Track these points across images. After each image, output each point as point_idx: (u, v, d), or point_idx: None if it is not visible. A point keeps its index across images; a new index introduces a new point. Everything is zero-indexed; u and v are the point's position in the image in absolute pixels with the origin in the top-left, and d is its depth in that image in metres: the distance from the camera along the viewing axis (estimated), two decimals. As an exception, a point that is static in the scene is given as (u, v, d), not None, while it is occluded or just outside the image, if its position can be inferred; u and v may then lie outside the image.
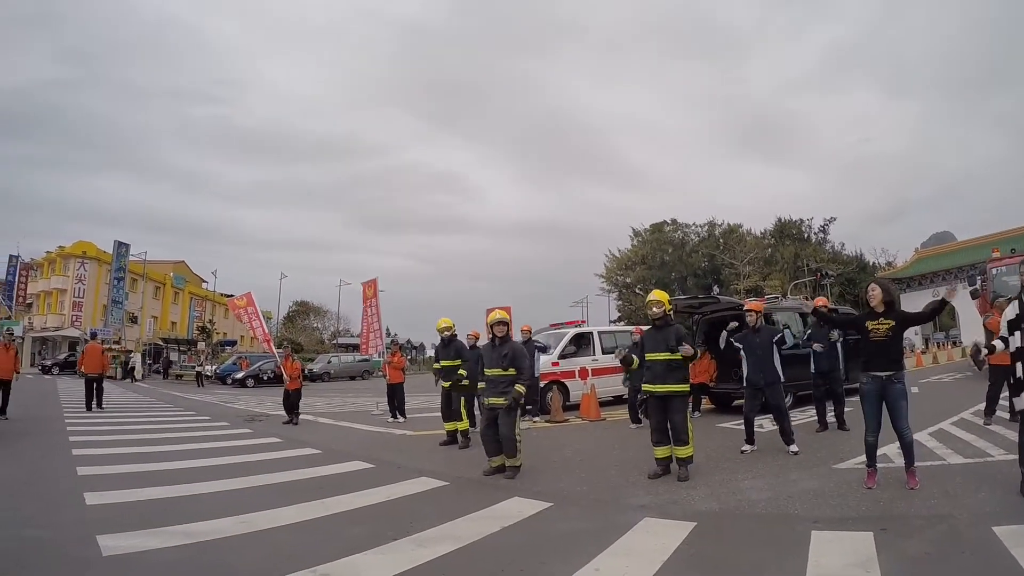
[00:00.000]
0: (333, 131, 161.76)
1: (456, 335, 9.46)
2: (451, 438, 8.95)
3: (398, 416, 12.28)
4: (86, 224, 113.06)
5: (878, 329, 5.21)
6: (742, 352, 7.58)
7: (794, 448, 7.02)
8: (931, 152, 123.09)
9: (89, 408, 14.71)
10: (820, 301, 9.55)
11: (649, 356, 6.37)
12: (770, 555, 3.76)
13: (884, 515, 4.45)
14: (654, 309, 6.39)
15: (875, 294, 5.35)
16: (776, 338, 7.49)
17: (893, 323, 5.20)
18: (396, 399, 12.39)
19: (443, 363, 9.17)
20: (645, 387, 6.48)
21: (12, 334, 13.03)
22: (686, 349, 6.09)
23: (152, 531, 4.45)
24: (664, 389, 6.18)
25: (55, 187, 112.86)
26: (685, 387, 6.30)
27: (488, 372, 6.75)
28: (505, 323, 6.85)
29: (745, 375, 7.54)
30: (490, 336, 6.96)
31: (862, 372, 5.36)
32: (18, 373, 12.09)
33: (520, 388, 6.55)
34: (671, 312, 6.55)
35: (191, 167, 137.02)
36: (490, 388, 6.70)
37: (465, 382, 9.00)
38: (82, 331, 46.64)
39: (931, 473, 5.54)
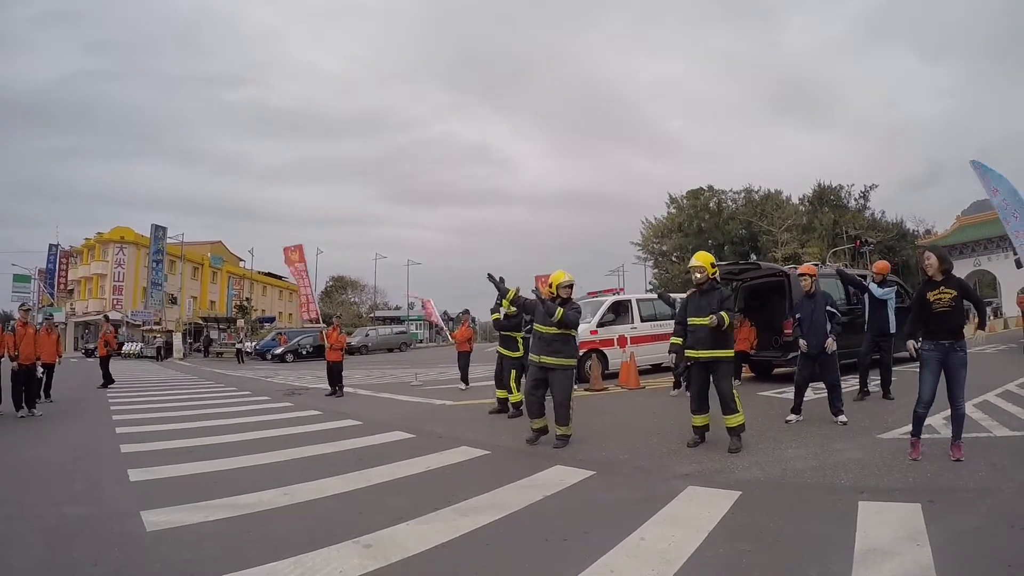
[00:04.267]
0: (366, 107, 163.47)
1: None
2: (502, 406, 8.99)
3: (462, 384, 12.80)
4: (124, 209, 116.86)
5: (941, 299, 5.06)
6: (797, 319, 7.38)
7: (843, 418, 6.89)
8: (966, 116, 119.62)
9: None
10: (882, 266, 9.03)
11: (692, 321, 6.16)
12: (818, 526, 3.71)
13: (931, 487, 4.36)
14: (697, 275, 6.21)
15: (932, 262, 5.17)
16: (828, 309, 7.27)
17: (956, 293, 5.05)
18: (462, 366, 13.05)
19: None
20: (688, 353, 6.27)
21: (53, 318, 13.36)
22: (712, 319, 5.90)
23: (195, 505, 4.53)
24: (709, 355, 6.02)
25: (93, 176, 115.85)
26: (730, 352, 6.13)
27: (543, 329, 6.56)
28: (572, 287, 6.74)
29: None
30: (554, 296, 6.70)
31: (924, 340, 5.21)
32: (60, 357, 12.39)
33: None
34: (715, 275, 6.31)
35: (226, 149, 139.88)
36: (542, 346, 6.53)
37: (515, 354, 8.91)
38: (123, 313, 47.83)
39: (978, 445, 5.41)
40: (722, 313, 5.92)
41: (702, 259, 6.29)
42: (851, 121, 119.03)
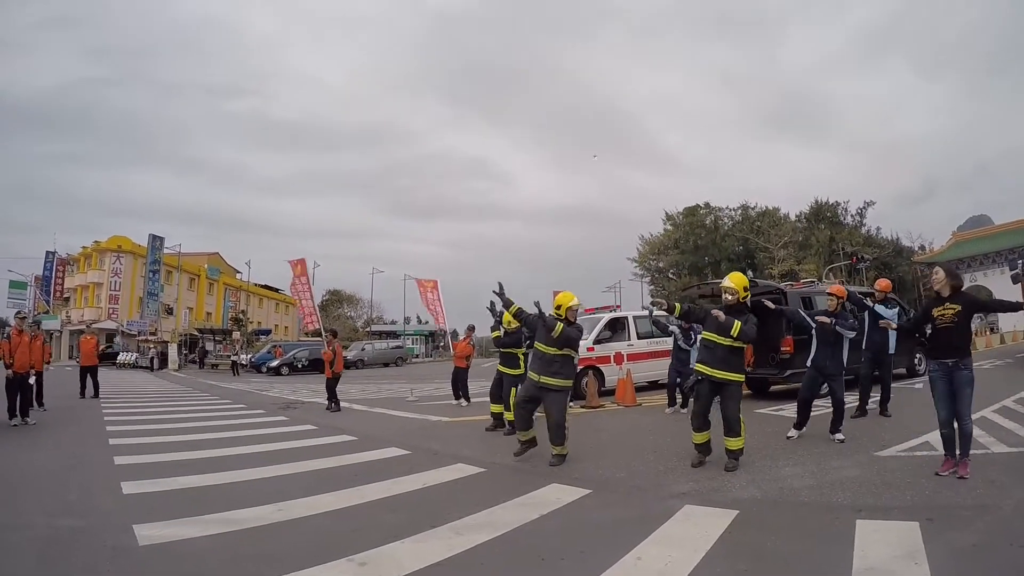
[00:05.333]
0: (367, 119, 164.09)
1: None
2: (497, 421, 8.95)
3: (462, 400, 12.68)
4: (122, 219, 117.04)
5: (944, 315, 5.03)
6: (813, 332, 7.28)
7: (839, 436, 6.86)
8: (964, 131, 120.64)
9: (82, 396, 15.06)
10: (884, 284, 9.21)
11: (711, 337, 6.06)
12: (815, 545, 3.70)
13: (928, 504, 4.35)
14: (728, 297, 6.13)
15: (939, 277, 5.15)
16: (848, 322, 7.19)
17: (959, 308, 5.01)
18: (460, 382, 12.92)
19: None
20: (699, 367, 6.16)
21: (39, 325, 13.23)
22: (722, 315, 5.85)
23: (189, 519, 4.50)
24: (720, 375, 5.93)
25: (91, 183, 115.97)
26: (741, 376, 6.05)
27: (544, 348, 6.49)
28: (577, 310, 6.71)
29: (811, 357, 7.27)
30: (559, 316, 6.60)
31: (930, 359, 5.20)
32: (48, 364, 12.17)
33: None
34: (746, 299, 6.22)
35: (225, 160, 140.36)
36: (543, 366, 6.47)
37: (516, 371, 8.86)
38: (118, 323, 47.68)
39: (975, 462, 5.34)
40: (736, 321, 5.83)
41: (736, 281, 6.21)
42: (848, 136, 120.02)
